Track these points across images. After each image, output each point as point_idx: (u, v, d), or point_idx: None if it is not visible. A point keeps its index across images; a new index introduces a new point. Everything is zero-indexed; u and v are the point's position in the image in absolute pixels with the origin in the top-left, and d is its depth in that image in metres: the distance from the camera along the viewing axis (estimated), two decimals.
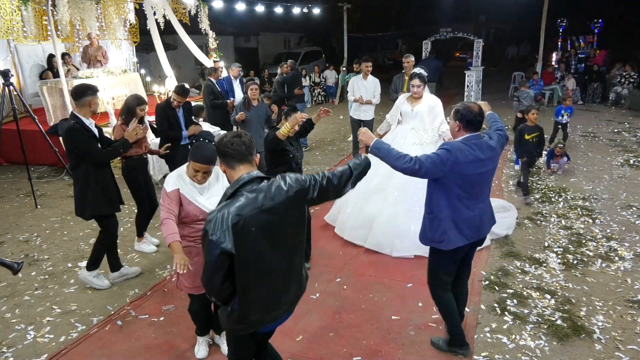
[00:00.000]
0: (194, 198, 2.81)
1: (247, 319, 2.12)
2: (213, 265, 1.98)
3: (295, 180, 2.12)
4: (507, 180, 6.96)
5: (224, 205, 1.99)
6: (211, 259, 1.97)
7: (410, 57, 6.80)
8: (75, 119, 3.73)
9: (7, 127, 7.09)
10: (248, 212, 1.96)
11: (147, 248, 4.83)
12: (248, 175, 2.05)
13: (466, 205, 2.87)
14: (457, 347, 3.18)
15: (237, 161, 2.08)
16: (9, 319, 3.72)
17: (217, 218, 1.94)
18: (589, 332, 3.41)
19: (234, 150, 2.07)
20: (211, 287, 2.05)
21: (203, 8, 10.28)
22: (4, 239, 5.23)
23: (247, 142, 2.10)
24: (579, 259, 4.52)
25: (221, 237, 1.92)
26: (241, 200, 1.97)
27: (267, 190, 2.03)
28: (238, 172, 2.08)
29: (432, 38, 14.47)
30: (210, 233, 1.93)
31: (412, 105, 4.89)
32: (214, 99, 7.46)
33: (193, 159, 2.70)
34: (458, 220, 2.87)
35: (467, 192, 2.86)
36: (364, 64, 7.15)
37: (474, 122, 2.81)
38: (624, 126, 10.30)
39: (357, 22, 22.50)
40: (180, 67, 14.95)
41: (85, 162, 3.78)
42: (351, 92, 7.19)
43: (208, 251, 1.97)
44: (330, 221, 5.33)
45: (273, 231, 2.04)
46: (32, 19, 7.78)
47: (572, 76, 13.52)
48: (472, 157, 2.78)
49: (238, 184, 2.03)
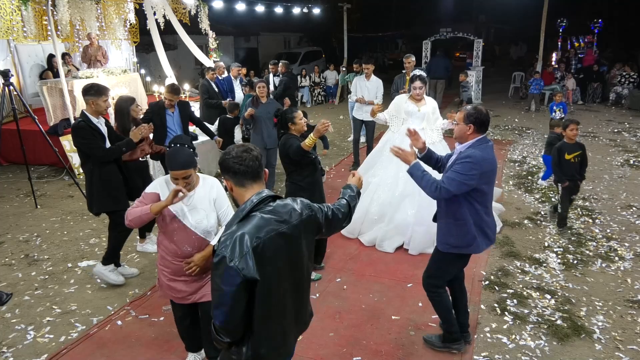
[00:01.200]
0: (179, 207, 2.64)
1: (264, 357, 1.86)
2: (233, 297, 1.70)
3: (307, 205, 1.99)
4: (507, 180, 6.96)
5: (238, 227, 1.77)
6: (231, 289, 1.69)
7: (411, 57, 6.82)
8: (83, 117, 3.85)
9: (7, 127, 7.08)
10: (266, 235, 1.76)
11: (151, 248, 4.81)
12: (260, 195, 1.85)
13: (485, 209, 2.92)
14: (451, 343, 3.20)
15: (249, 179, 1.88)
16: (9, 319, 3.72)
17: (235, 241, 1.71)
18: (589, 332, 3.41)
19: (246, 167, 1.85)
20: (230, 321, 1.75)
21: (203, 8, 10.27)
22: (4, 239, 5.23)
23: (258, 157, 1.91)
24: (579, 259, 4.52)
25: (242, 262, 1.68)
26: (257, 222, 1.77)
27: (282, 212, 1.85)
28: (249, 191, 1.88)
29: (432, 38, 14.49)
30: (229, 259, 1.68)
31: (418, 106, 4.91)
32: (208, 98, 7.47)
33: (169, 166, 2.57)
34: (483, 224, 2.91)
35: (489, 198, 2.93)
36: (364, 66, 7.14)
37: (486, 123, 2.86)
38: (624, 126, 10.31)
39: (357, 22, 22.49)
40: (180, 67, 14.95)
41: (90, 159, 3.88)
42: (354, 92, 7.22)
43: (226, 280, 1.69)
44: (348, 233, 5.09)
45: (288, 257, 1.86)
46: (32, 19, 7.78)
47: (572, 76, 13.53)
48: (492, 162, 2.83)
49: (252, 204, 1.82)
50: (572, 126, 5.00)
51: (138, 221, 2.62)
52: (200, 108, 7.88)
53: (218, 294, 1.73)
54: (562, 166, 5.04)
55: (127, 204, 4.10)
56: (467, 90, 10.21)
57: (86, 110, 3.87)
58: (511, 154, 8.46)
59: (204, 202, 2.71)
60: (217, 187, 2.81)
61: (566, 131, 5.04)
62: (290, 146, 3.86)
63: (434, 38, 14.59)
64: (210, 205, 2.74)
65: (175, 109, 5.26)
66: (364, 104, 7.02)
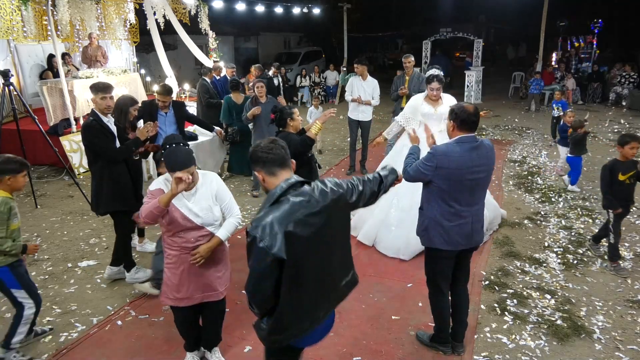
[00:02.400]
0: (181, 202, 2.69)
1: (287, 328, 2.03)
2: (262, 274, 1.89)
3: (336, 183, 2.10)
4: (507, 180, 6.96)
5: (268, 210, 1.92)
6: (260, 267, 1.87)
7: (411, 57, 6.79)
8: (94, 116, 3.83)
9: (7, 127, 7.07)
10: (296, 217, 1.90)
11: (150, 247, 4.82)
12: (290, 181, 1.99)
13: (457, 211, 2.85)
14: (439, 344, 3.21)
15: (278, 166, 2.02)
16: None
17: (266, 223, 1.86)
18: (589, 332, 3.41)
19: (275, 155, 2.01)
20: (258, 296, 1.95)
21: (203, 8, 10.28)
22: None
23: (285, 147, 2.06)
24: (579, 259, 4.52)
25: (272, 243, 1.83)
26: (288, 205, 1.91)
27: (311, 194, 1.97)
28: (279, 177, 2.02)
29: (432, 38, 14.50)
30: (259, 239, 1.84)
31: (434, 107, 4.68)
32: (209, 98, 7.48)
33: (169, 168, 2.59)
34: (447, 224, 2.87)
35: (458, 198, 2.84)
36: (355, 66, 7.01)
37: (467, 121, 2.79)
38: (624, 126, 10.31)
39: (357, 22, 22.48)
40: (180, 67, 14.95)
41: (100, 158, 3.87)
42: (349, 92, 7.12)
43: (257, 259, 1.87)
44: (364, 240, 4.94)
45: (319, 237, 1.98)
46: (32, 19, 7.78)
47: (572, 76, 13.53)
48: (462, 162, 2.75)
49: (282, 189, 1.96)
50: (634, 144, 4.20)
51: (150, 216, 2.62)
52: (199, 107, 7.88)
53: (250, 271, 1.91)
54: (614, 189, 4.25)
55: (134, 204, 4.08)
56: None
57: (95, 108, 3.86)
58: (511, 154, 8.46)
59: (206, 197, 2.77)
60: (217, 181, 2.86)
61: (624, 149, 4.22)
62: (291, 140, 3.80)
63: (434, 38, 14.60)
64: (213, 200, 2.80)
65: (170, 110, 5.17)
66: (360, 104, 6.98)
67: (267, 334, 2.06)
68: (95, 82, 3.93)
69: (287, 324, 2.02)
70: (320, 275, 2.05)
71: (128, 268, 4.18)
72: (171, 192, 2.54)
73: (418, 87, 6.48)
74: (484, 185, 2.92)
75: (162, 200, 2.56)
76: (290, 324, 2.02)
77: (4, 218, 2.98)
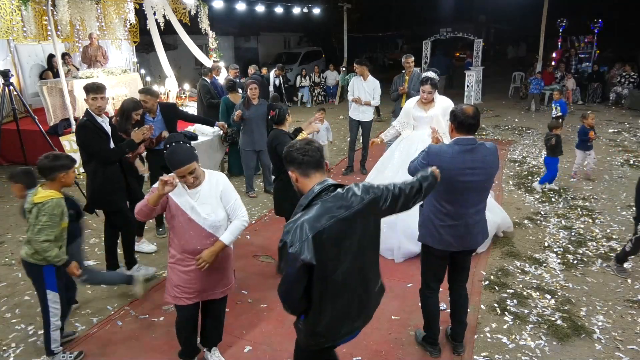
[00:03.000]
0: (185, 202, 2.65)
1: (322, 333, 2.05)
2: (293, 278, 1.91)
3: (369, 188, 2.08)
4: (507, 180, 6.96)
5: (300, 214, 1.93)
6: (292, 272, 1.90)
7: (411, 57, 6.78)
8: (88, 116, 3.81)
9: (7, 127, 7.09)
10: (326, 222, 1.90)
11: (147, 248, 4.83)
12: (323, 184, 2.00)
13: (449, 212, 2.85)
14: (427, 345, 3.22)
15: (312, 168, 2.04)
16: (9, 319, 3.72)
17: (296, 228, 1.88)
18: (589, 332, 3.41)
19: (310, 157, 2.02)
20: (289, 299, 1.99)
21: (203, 8, 10.28)
22: (4, 239, 5.23)
23: (320, 149, 2.07)
24: (579, 259, 4.52)
25: (302, 248, 1.85)
26: (319, 210, 1.92)
27: (343, 198, 1.97)
28: (313, 180, 2.04)
29: (432, 38, 14.49)
30: (289, 244, 1.86)
31: (425, 108, 4.69)
32: (210, 98, 7.49)
33: (171, 167, 2.57)
34: (438, 223, 2.88)
35: (450, 199, 2.83)
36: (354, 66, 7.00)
37: (464, 124, 2.77)
38: (624, 126, 10.31)
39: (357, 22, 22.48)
40: (180, 67, 14.96)
41: (94, 158, 3.86)
42: (351, 93, 7.17)
43: (288, 263, 1.90)
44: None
45: (350, 241, 1.98)
46: (32, 19, 7.79)
47: (572, 76, 13.53)
48: (452, 163, 2.74)
49: (314, 193, 1.98)
50: None
51: (141, 213, 2.63)
52: (199, 108, 7.88)
53: (282, 275, 1.95)
54: None
55: (125, 203, 4.10)
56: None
57: (89, 108, 3.84)
58: (511, 154, 8.46)
59: (210, 198, 2.71)
60: (223, 181, 2.79)
61: None
62: (280, 143, 3.87)
63: (434, 38, 14.59)
64: (217, 201, 2.73)
65: (158, 115, 4.81)
66: (360, 105, 6.98)
67: (304, 336, 2.11)
68: (88, 83, 3.89)
69: (322, 331, 2.04)
70: (354, 282, 2.04)
71: (131, 266, 4.19)
72: (158, 193, 2.52)
73: (418, 86, 6.48)
74: (480, 189, 2.87)
75: (151, 200, 2.55)
76: (327, 331, 2.05)
77: (56, 221, 2.92)
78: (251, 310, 3.77)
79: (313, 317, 2.02)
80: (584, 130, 6.58)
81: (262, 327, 3.55)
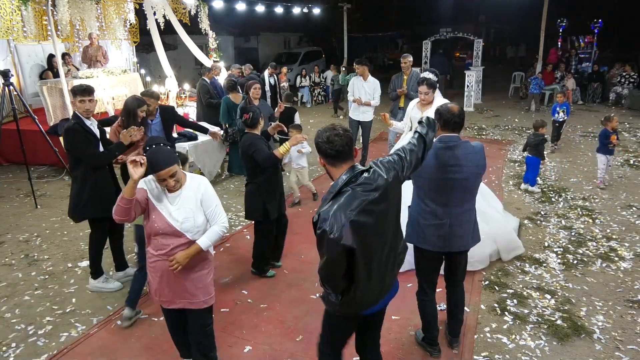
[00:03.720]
0: (163, 205, 2.60)
1: (360, 303, 2.22)
2: (335, 262, 2.04)
3: (391, 164, 2.21)
4: (507, 180, 6.96)
5: (333, 202, 2.03)
6: (333, 257, 2.02)
7: (409, 57, 6.75)
8: (76, 119, 3.70)
9: (7, 127, 7.08)
10: (360, 206, 2.02)
11: None
12: (350, 173, 2.10)
13: (433, 210, 2.87)
14: (427, 345, 3.22)
15: (339, 161, 2.13)
16: (9, 319, 3.72)
17: (334, 216, 1.98)
18: (589, 332, 3.41)
19: (337, 152, 2.10)
20: (332, 281, 2.13)
21: (203, 8, 10.28)
22: (4, 239, 5.23)
23: (349, 138, 2.13)
24: (579, 259, 4.52)
25: (341, 234, 1.96)
26: (351, 196, 2.03)
27: (372, 181, 2.09)
28: (340, 169, 2.13)
29: (432, 38, 14.50)
30: (329, 231, 1.96)
31: (422, 110, 4.67)
32: (209, 98, 7.49)
33: (152, 170, 2.49)
34: (422, 222, 2.92)
35: (434, 197, 2.85)
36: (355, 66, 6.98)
37: (450, 122, 2.81)
38: (624, 126, 10.30)
39: (357, 22, 22.50)
40: (180, 67, 14.96)
41: (83, 163, 3.73)
42: (351, 93, 7.16)
43: (329, 249, 2.01)
44: None
45: (381, 219, 2.12)
46: (32, 19, 7.78)
47: (572, 76, 13.53)
48: (431, 160, 2.77)
49: (344, 182, 2.08)
50: None
51: (118, 211, 2.53)
52: (199, 107, 7.88)
53: (323, 259, 2.06)
54: None
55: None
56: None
57: (77, 111, 3.73)
58: (511, 154, 8.46)
59: (190, 202, 2.63)
60: (205, 185, 2.72)
61: None
62: (257, 151, 3.81)
63: (434, 38, 14.60)
64: (197, 205, 2.65)
65: (157, 117, 4.81)
66: (360, 105, 6.98)
67: (338, 305, 2.22)
68: (75, 85, 3.80)
69: (359, 298, 2.19)
70: (385, 252, 2.21)
71: (95, 276, 4.07)
72: (132, 180, 2.46)
73: (417, 87, 6.47)
74: (464, 188, 2.85)
75: (126, 191, 2.48)
76: (362, 298, 2.19)
77: None
78: (251, 310, 3.77)
79: (354, 292, 2.15)
80: (606, 133, 6.26)
81: (262, 327, 3.54)
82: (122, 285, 4.14)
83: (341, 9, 15.93)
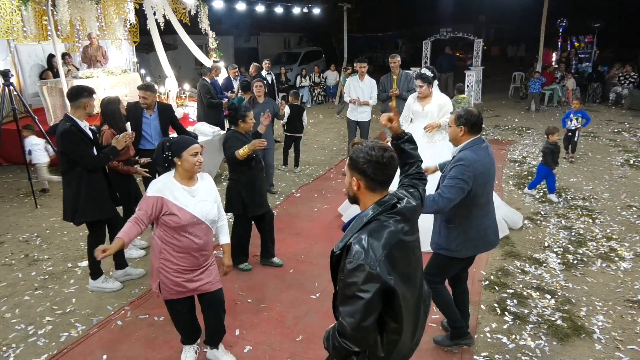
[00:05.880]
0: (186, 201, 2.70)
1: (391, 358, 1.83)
2: (370, 304, 1.65)
3: (414, 196, 1.94)
4: (507, 180, 6.96)
5: (365, 232, 1.72)
6: (369, 296, 1.64)
7: (397, 57, 6.71)
8: (71, 121, 3.67)
9: (7, 127, 7.09)
10: (394, 238, 1.74)
11: (135, 253, 4.74)
12: (384, 201, 1.81)
13: (485, 213, 2.95)
14: (459, 339, 3.19)
15: (381, 187, 1.83)
16: (9, 319, 3.72)
17: (370, 248, 1.66)
18: (589, 332, 3.41)
19: (385, 178, 1.80)
20: (362, 332, 1.69)
21: (203, 8, 10.28)
22: (4, 239, 5.23)
23: (397, 166, 1.85)
24: (579, 259, 4.52)
25: (379, 268, 1.64)
26: (386, 229, 1.74)
27: (404, 211, 1.81)
28: (377, 195, 1.83)
29: (432, 38, 14.51)
30: (368, 265, 1.63)
31: (423, 104, 4.95)
32: (210, 98, 7.49)
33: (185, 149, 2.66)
34: (474, 231, 2.90)
35: (488, 199, 2.95)
36: (358, 65, 6.96)
37: (477, 124, 2.87)
38: (624, 126, 10.31)
39: (357, 22, 22.47)
40: (180, 67, 14.96)
41: (78, 166, 3.71)
42: (347, 93, 7.08)
43: (365, 287, 1.64)
44: None
45: (412, 253, 1.85)
46: (32, 19, 7.78)
47: (572, 76, 13.53)
48: (486, 162, 2.84)
49: (379, 209, 1.78)
50: None
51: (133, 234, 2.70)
52: (200, 107, 7.88)
53: (354, 301, 1.67)
54: None
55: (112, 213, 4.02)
56: None
57: (73, 113, 3.70)
58: (511, 154, 8.46)
59: (206, 194, 2.83)
60: (210, 180, 2.97)
61: None
62: (229, 148, 4.05)
63: (434, 38, 14.60)
64: (212, 197, 2.88)
65: (155, 112, 4.84)
66: (358, 105, 6.96)
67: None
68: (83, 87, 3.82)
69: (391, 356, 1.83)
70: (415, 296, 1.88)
71: (94, 276, 4.08)
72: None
73: (407, 86, 6.50)
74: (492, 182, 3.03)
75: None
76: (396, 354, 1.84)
77: None
78: (251, 310, 3.77)
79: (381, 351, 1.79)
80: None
81: (262, 327, 3.54)
82: (122, 285, 4.15)
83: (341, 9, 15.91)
